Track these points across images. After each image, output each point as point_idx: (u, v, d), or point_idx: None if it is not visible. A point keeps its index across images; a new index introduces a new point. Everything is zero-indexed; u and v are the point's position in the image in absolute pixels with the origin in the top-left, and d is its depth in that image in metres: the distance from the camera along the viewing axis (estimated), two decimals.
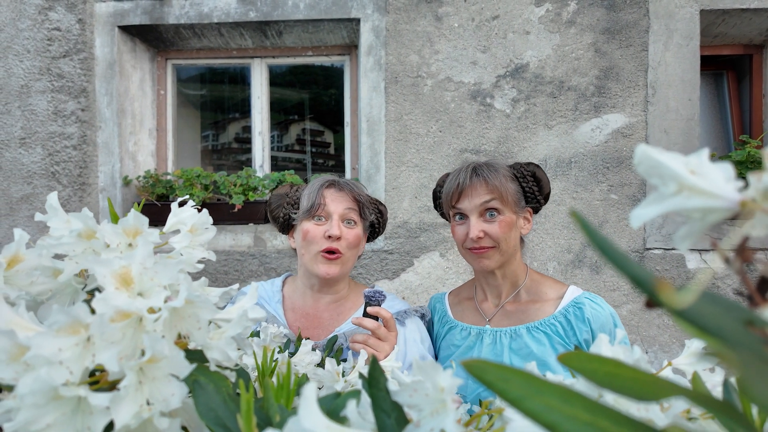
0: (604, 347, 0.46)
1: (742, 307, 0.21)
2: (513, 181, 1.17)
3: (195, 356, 0.44)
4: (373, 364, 0.39)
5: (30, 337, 0.34)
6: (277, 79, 3.12)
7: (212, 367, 0.43)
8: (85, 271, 0.49)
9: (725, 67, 2.71)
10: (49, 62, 2.46)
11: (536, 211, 1.24)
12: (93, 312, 0.36)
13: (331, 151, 3.82)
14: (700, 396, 0.22)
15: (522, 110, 2.34)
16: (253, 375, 0.58)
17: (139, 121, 2.63)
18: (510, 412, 0.34)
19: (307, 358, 0.69)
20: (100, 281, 0.38)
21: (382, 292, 1.02)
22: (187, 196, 0.67)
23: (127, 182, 2.50)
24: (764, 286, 0.21)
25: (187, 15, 2.44)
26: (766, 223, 0.21)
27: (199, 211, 0.58)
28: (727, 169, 0.24)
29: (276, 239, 2.42)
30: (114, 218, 0.53)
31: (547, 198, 1.23)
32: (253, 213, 2.48)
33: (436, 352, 1.25)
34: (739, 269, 0.20)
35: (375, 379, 0.38)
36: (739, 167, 2.31)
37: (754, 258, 0.22)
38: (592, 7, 2.32)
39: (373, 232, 1.31)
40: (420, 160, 2.36)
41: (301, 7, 2.40)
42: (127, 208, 2.51)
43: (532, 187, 1.19)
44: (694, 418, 0.44)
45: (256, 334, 0.75)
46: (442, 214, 1.29)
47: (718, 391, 0.47)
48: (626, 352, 0.44)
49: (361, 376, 0.44)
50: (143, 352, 0.36)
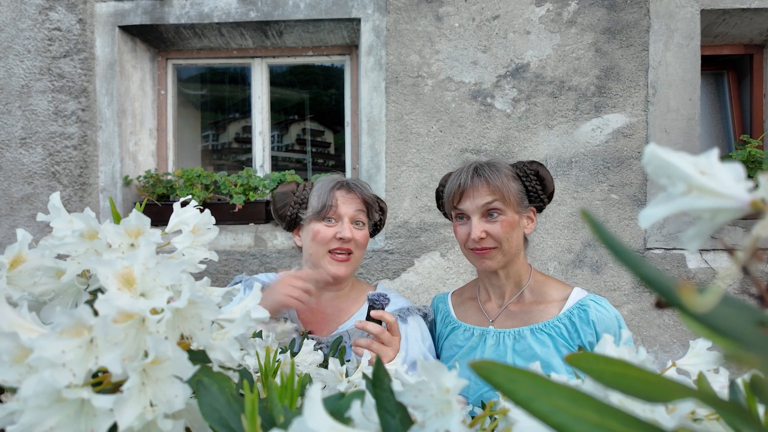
0: (608, 347, 0.46)
1: (754, 308, 0.21)
2: (515, 181, 1.16)
3: (198, 357, 0.43)
4: (377, 365, 0.39)
5: (33, 339, 0.33)
6: (278, 79, 3.12)
7: (215, 368, 0.43)
8: (88, 271, 0.49)
9: (726, 67, 2.71)
10: (50, 62, 2.45)
11: (540, 210, 1.22)
12: (96, 313, 0.36)
13: (332, 151, 3.82)
14: (711, 397, 0.22)
15: (522, 110, 2.34)
16: (256, 375, 0.58)
17: (140, 121, 2.62)
18: (516, 413, 0.34)
19: (309, 357, 0.69)
20: (102, 282, 0.38)
21: (386, 296, 1.02)
22: (189, 196, 0.67)
23: (127, 182, 2.49)
24: None
25: (187, 15, 2.43)
26: None
27: (201, 211, 0.57)
28: (737, 170, 0.24)
29: (276, 239, 2.42)
30: (116, 218, 0.52)
31: (551, 197, 1.22)
32: (253, 213, 2.48)
33: (439, 352, 1.25)
34: (752, 270, 0.20)
35: (379, 380, 0.38)
36: None
37: (765, 258, 0.21)
38: (593, 7, 2.32)
39: (375, 230, 1.32)
40: (420, 160, 2.35)
41: (302, 7, 2.40)
42: (128, 208, 2.51)
43: (536, 186, 1.17)
44: (699, 419, 0.44)
45: (259, 335, 0.75)
46: (445, 214, 1.28)
47: (725, 392, 0.47)
48: (631, 353, 0.44)
49: (365, 376, 0.44)
50: (146, 354, 0.36)
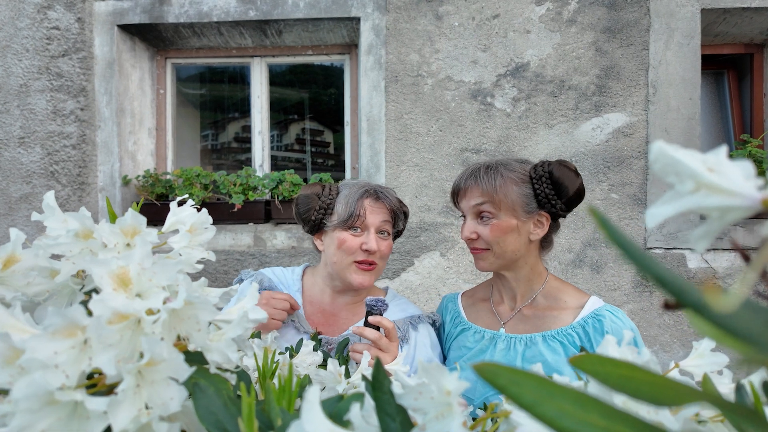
0: (610, 349, 0.45)
1: (765, 308, 0.20)
2: (522, 185, 1.10)
3: (194, 358, 0.43)
4: (377, 367, 0.39)
5: (25, 339, 0.33)
6: (277, 78, 3.11)
7: (212, 370, 0.42)
8: (83, 271, 0.48)
9: (726, 66, 2.70)
10: (48, 61, 2.44)
11: (555, 216, 1.12)
12: (90, 314, 0.35)
13: (331, 150, 3.82)
14: (719, 400, 0.21)
15: (522, 109, 2.33)
16: (254, 377, 0.57)
17: (139, 121, 2.62)
18: (519, 416, 0.33)
19: (308, 358, 0.68)
20: (97, 282, 0.37)
21: (384, 302, 1.01)
22: (187, 196, 0.66)
23: (126, 182, 2.49)
24: None
25: (186, 14, 2.43)
26: None
27: (199, 210, 0.57)
28: (746, 167, 0.23)
29: (275, 239, 2.41)
30: (112, 218, 0.52)
31: (571, 202, 1.10)
32: (252, 213, 2.47)
33: (446, 352, 1.24)
34: (763, 270, 0.20)
35: (379, 382, 0.37)
36: None
37: None
38: (593, 6, 2.32)
39: (396, 235, 1.32)
40: (420, 160, 2.35)
41: (301, 6, 2.39)
42: (127, 208, 2.50)
43: (545, 190, 1.09)
44: (704, 421, 0.43)
45: (257, 335, 0.74)
46: None
47: (731, 394, 0.47)
48: (633, 354, 0.44)
49: (365, 378, 0.43)
50: (141, 355, 0.35)
